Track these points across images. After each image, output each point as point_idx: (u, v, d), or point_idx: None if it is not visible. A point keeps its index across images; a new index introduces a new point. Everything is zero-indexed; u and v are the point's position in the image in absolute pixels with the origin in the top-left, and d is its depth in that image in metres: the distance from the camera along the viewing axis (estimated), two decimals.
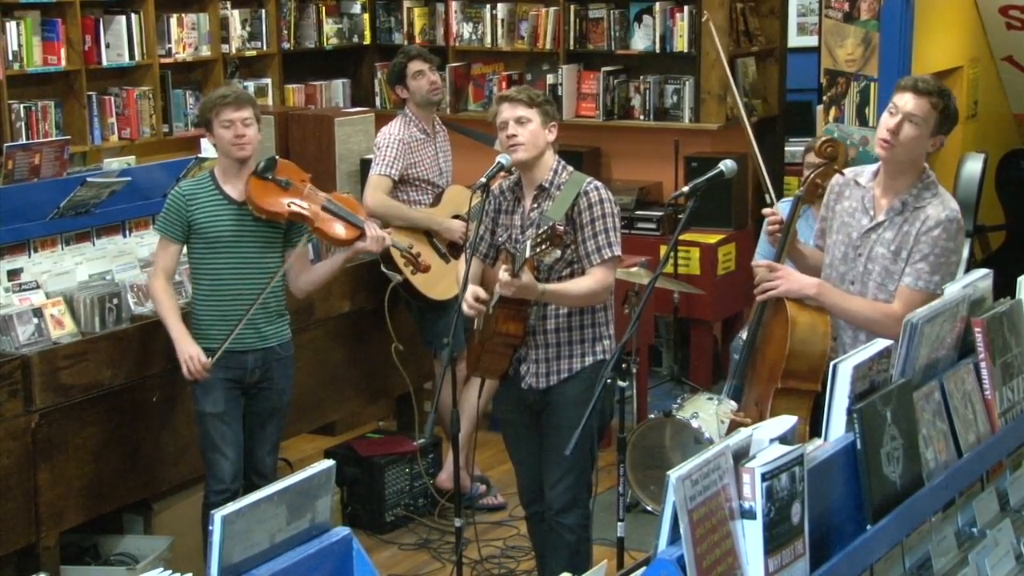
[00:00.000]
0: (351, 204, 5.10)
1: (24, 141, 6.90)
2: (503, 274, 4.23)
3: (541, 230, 4.14)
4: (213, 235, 4.88)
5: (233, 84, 7.65)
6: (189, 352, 4.78)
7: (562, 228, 4.15)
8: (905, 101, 3.99)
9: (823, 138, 4.46)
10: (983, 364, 3.04)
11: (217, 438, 4.89)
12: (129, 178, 5.84)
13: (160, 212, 4.99)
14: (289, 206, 4.87)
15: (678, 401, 5.92)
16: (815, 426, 2.86)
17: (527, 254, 4.13)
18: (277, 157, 5.06)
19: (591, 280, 4.42)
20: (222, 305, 4.87)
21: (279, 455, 5.20)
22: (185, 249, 4.93)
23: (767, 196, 6.50)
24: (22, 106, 7.22)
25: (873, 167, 4.18)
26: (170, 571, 2.21)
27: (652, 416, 5.92)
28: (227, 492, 4.83)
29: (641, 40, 8.14)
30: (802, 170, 6.01)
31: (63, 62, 7.37)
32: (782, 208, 6.20)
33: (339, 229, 4.98)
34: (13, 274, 5.15)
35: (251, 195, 4.82)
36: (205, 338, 4.87)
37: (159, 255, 4.95)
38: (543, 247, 4.09)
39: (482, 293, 4.44)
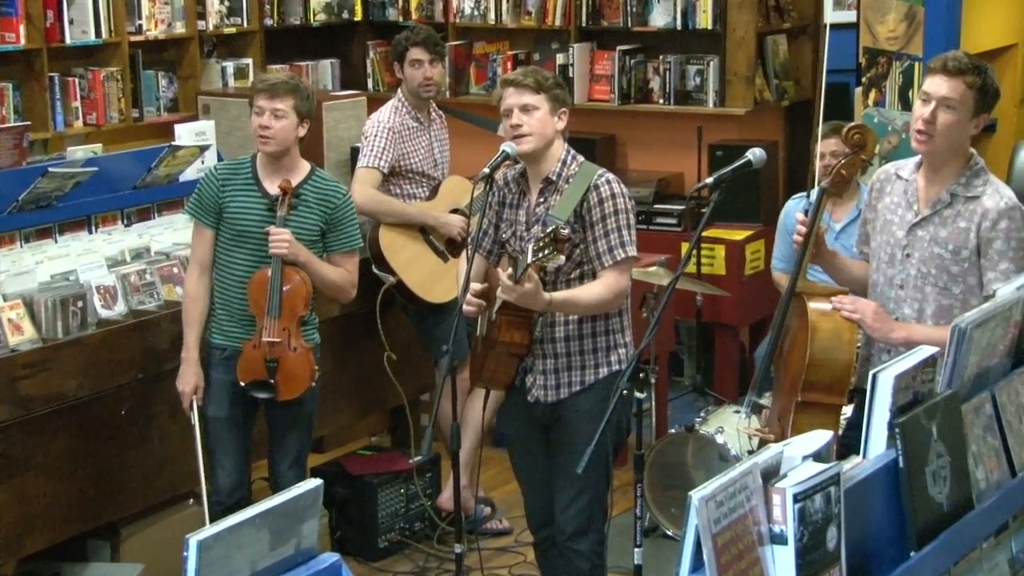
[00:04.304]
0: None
1: None
2: (504, 279, 4.23)
3: (543, 234, 4.13)
4: (240, 227, 4.93)
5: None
6: (183, 387, 4.92)
7: (567, 232, 4.13)
8: (937, 85, 3.99)
9: (850, 124, 4.46)
10: None
11: (215, 445, 4.97)
12: (95, 168, 5.84)
13: (192, 193, 5.06)
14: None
15: (701, 414, 5.92)
16: (848, 447, 2.86)
17: (529, 259, 4.13)
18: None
19: (602, 285, 4.42)
20: (242, 304, 4.93)
21: (302, 472, 5.21)
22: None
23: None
24: None
25: (917, 158, 4.18)
26: None
27: (672, 431, 5.92)
28: (221, 506, 4.90)
29: (660, 16, 8.14)
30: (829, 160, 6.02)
31: (22, 40, 7.37)
32: (792, 205, 6.18)
33: None
34: None
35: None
36: (220, 333, 4.97)
37: (193, 242, 5.04)
38: (545, 253, 4.07)
39: (481, 289, 4.44)
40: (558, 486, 4.56)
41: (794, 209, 5.90)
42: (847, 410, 4.31)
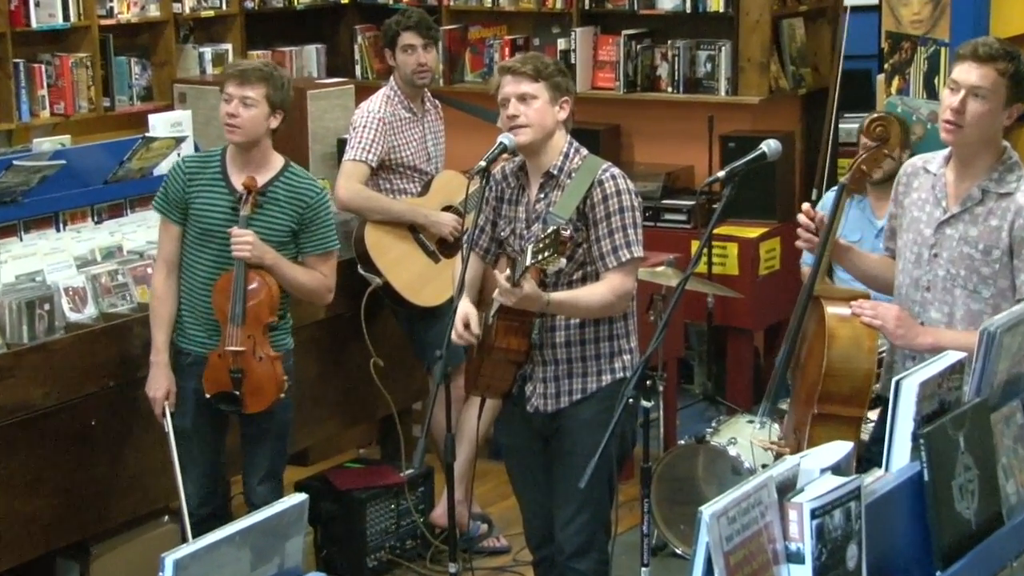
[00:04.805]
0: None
1: None
2: (502, 281, 4.23)
3: (544, 235, 4.14)
4: (205, 225, 4.95)
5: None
6: (154, 393, 4.95)
7: (568, 233, 4.13)
8: (966, 73, 3.99)
9: (872, 115, 4.46)
10: None
11: (183, 456, 5.00)
12: (63, 161, 5.84)
13: (159, 188, 5.07)
14: None
15: (712, 425, 5.92)
16: (870, 461, 2.87)
17: (528, 261, 4.13)
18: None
19: (606, 287, 4.42)
20: (207, 307, 4.96)
21: (277, 485, 5.22)
22: None
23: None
24: None
25: (945, 151, 4.18)
26: None
27: (682, 442, 5.93)
28: (192, 517, 4.96)
29: None
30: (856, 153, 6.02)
31: None
32: (826, 198, 6.18)
33: None
34: None
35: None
36: (185, 338, 5.00)
37: (159, 239, 5.07)
38: (546, 255, 4.08)
39: (474, 320, 4.45)
40: (558, 501, 4.56)
41: (828, 202, 5.88)
42: (872, 415, 4.32)
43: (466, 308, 4.49)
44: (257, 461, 5.10)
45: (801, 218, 4.23)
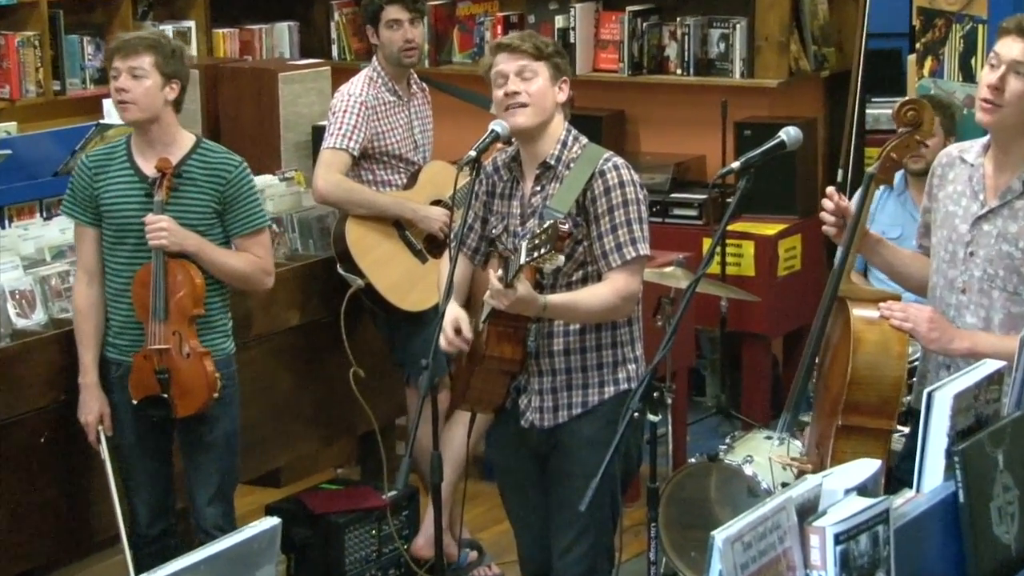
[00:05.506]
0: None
1: None
2: (494, 282, 4.23)
3: (540, 230, 4.14)
4: (119, 220, 4.96)
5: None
6: (86, 418, 4.99)
7: (567, 227, 4.14)
8: (1008, 47, 4.00)
9: (905, 99, 4.47)
10: None
11: (128, 474, 5.04)
12: (9, 151, 5.85)
13: (66, 190, 5.07)
14: None
15: (726, 441, 5.92)
16: (901, 481, 2.87)
17: (522, 259, 4.14)
18: None
19: (609, 288, 4.43)
20: (131, 310, 4.97)
21: (228, 508, 5.22)
22: None
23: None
24: None
25: (984, 140, 4.19)
26: None
27: (693, 460, 5.93)
28: (143, 539, 5.04)
29: None
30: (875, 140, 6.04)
31: None
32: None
33: None
34: None
35: None
36: (113, 347, 5.01)
37: (77, 247, 5.09)
38: (542, 252, 4.08)
39: (465, 325, 4.45)
40: (556, 526, 4.57)
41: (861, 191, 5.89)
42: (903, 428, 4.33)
43: (456, 311, 4.49)
44: (202, 478, 5.09)
45: (825, 202, 4.24)
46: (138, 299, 4.93)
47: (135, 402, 4.96)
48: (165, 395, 4.93)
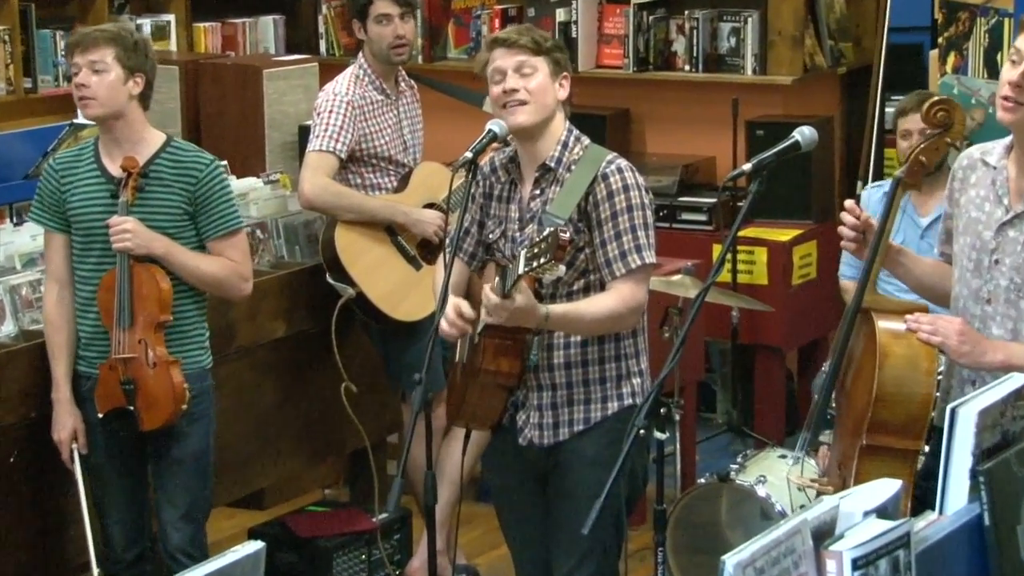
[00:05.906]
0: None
1: None
2: (490, 293, 4.23)
3: (539, 238, 4.13)
4: (86, 224, 4.96)
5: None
6: (59, 435, 4.99)
7: (568, 235, 4.13)
8: None
9: (934, 98, 4.46)
10: None
11: (98, 494, 5.05)
12: None
13: (34, 195, 5.08)
14: None
15: (738, 460, 5.92)
16: (921, 501, 2.87)
17: (520, 269, 4.13)
18: None
19: (613, 298, 4.42)
20: (99, 319, 4.97)
21: (199, 532, 5.22)
22: None
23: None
24: None
25: (1006, 140, 4.19)
26: None
27: (702, 481, 5.93)
28: (120, 564, 5.04)
29: None
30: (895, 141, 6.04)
31: None
32: (867, 196, 6.17)
33: None
34: None
35: None
36: (83, 360, 5.02)
37: (46, 255, 5.09)
38: (541, 262, 4.07)
39: (467, 307, 4.44)
40: (557, 551, 4.56)
41: (872, 201, 5.90)
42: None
43: (455, 299, 4.47)
44: (168, 498, 5.08)
45: (845, 216, 4.23)
46: (103, 305, 4.93)
47: (100, 415, 4.95)
48: (131, 407, 4.92)
